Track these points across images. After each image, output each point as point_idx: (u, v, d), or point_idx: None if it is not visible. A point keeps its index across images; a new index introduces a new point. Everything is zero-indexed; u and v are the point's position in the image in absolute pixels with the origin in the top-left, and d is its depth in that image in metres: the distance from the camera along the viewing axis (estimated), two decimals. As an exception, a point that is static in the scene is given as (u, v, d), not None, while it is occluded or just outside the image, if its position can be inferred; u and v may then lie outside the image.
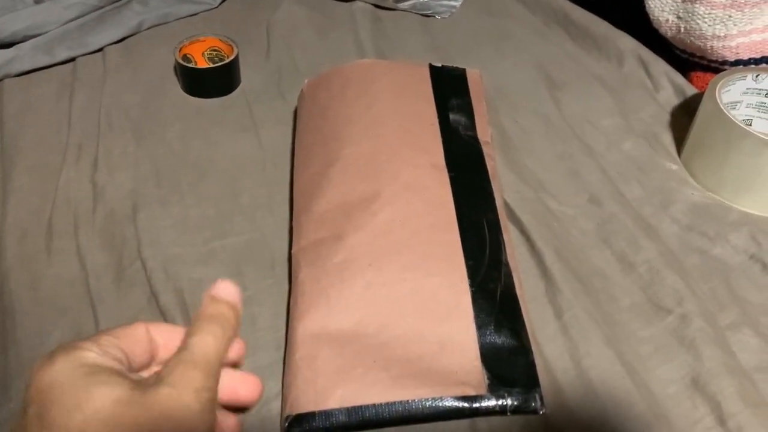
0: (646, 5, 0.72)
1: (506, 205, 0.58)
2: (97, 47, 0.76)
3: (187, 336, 0.31)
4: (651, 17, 0.72)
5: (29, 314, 0.50)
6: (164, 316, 0.50)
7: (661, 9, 0.71)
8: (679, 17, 0.69)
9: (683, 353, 0.47)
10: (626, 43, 0.76)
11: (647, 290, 0.51)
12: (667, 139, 0.66)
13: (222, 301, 0.32)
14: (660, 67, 0.73)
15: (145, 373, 0.31)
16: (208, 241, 0.56)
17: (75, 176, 0.61)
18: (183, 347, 0.30)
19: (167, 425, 0.26)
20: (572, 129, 0.66)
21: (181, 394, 0.27)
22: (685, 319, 0.49)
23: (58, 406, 0.25)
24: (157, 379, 0.28)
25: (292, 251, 0.52)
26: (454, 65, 0.65)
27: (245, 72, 0.73)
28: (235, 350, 0.32)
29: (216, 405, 0.30)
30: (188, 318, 0.49)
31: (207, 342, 0.30)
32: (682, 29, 0.69)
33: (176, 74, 0.73)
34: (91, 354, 0.27)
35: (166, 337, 0.32)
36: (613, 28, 0.78)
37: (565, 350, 0.47)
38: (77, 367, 0.26)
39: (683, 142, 0.64)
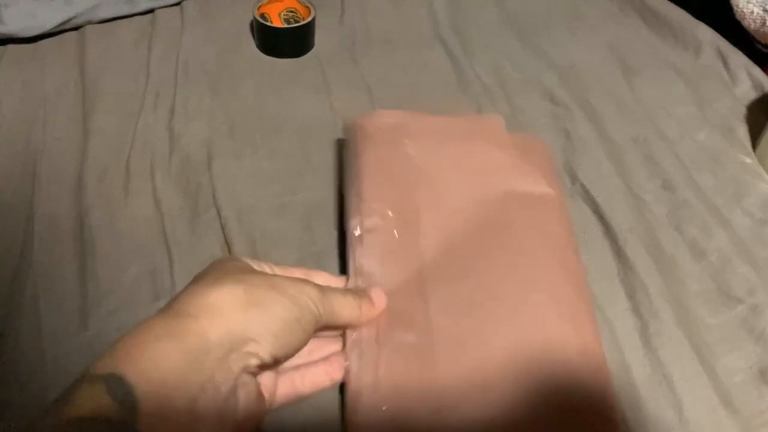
0: (731, -5, 0.71)
1: (582, 185, 0.57)
2: (176, 0, 0.77)
3: (334, 290, 0.40)
4: (735, 8, 0.71)
5: (108, 250, 0.52)
6: (236, 263, 0.51)
7: (746, 0, 0.69)
8: (765, 9, 0.68)
9: (752, 344, 0.47)
10: (704, 33, 0.75)
11: (717, 278, 0.51)
12: (742, 132, 0.65)
13: (374, 307, 0.42)
14: (739, 59, 0.71)
15: None
16: (280, 195, 0.57)
17: (152, 122, 0.63)
18: (325, 288, 0.39)
19: (264, 295, 0.35)
20: (646, 113, 0.66)
21: (293, 289, 0.36)
22: (755, 310, 0.49)
23: (217, 264, 0.38)
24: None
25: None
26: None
27: (319, 35, 0.73)
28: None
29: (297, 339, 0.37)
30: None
31: (342, 301, 0.40)
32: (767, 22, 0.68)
33: (252, 32, 0.74)
34: (249, 262, 0.39)
35: (322, 281, 0.42)
36: (691, 17, 0.77)
37: (635, 329, 0.47)
38: (235, 259, 0.39)
39: (759, 136, 0.63)
